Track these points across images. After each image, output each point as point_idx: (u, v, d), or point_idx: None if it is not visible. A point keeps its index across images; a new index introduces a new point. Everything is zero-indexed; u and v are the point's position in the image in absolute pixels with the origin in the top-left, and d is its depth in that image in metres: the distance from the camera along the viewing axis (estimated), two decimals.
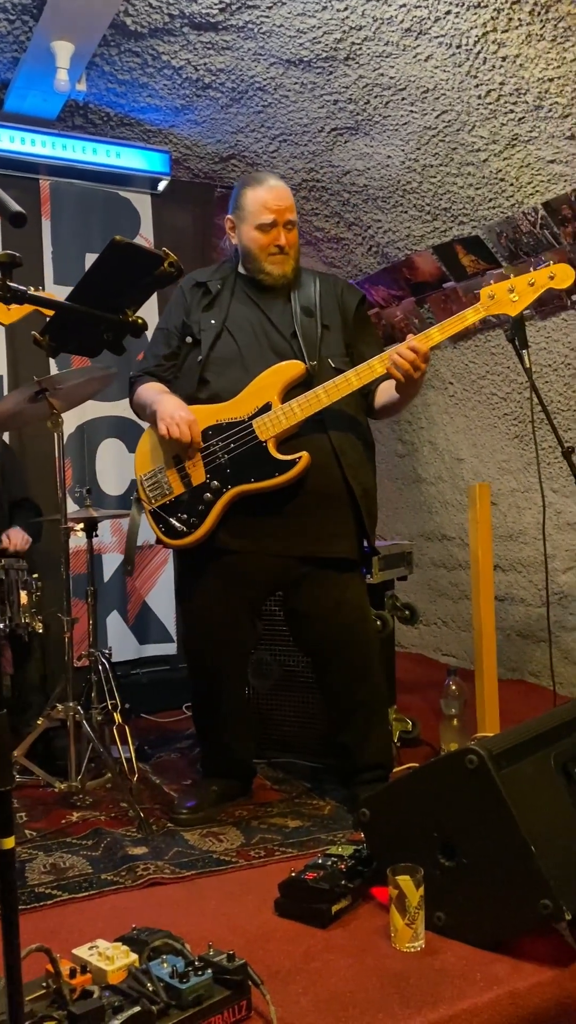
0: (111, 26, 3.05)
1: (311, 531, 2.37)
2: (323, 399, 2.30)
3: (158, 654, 3.97)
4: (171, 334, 2.54)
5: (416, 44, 2.96)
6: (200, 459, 2.37)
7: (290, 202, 2.46)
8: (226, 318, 2.46)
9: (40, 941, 1.45)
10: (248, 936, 1.77)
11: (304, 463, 2.30)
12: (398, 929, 1.70)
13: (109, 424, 3.89)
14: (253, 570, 2.40)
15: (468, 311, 2.30)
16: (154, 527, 2.45)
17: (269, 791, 2.66)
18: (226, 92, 3.47)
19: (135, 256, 1.27)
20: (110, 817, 2.45)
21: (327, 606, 2.41)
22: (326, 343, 2.44)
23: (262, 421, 2.33)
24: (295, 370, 2.35)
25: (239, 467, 2.34)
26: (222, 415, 2.38)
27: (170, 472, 2.42)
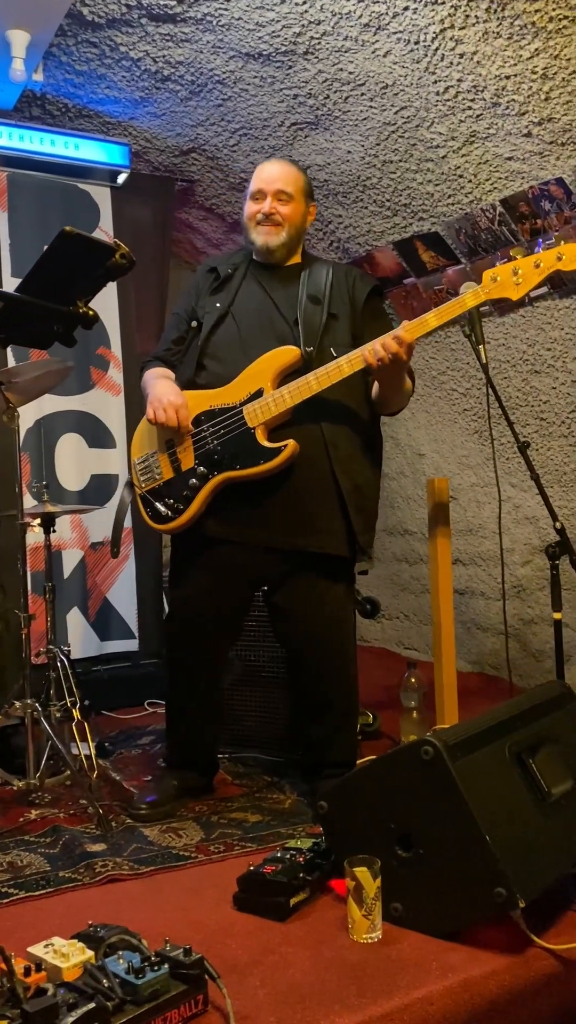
0: (68, 16, 3.02)
1: (296, 524, 2.33)
2: (313, 386, 2.25)
3: (119, 651, 3.94)
4: (181, 319, 2.53)
5: (375, 40, 2.96)
6: (191, 445, 2.36)
7: (287, 175, 2.43)
8: (232, 303, 2.44)
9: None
10: (206, 931, 1.77)
11: (290, 452, 2.25)
12: (355, 920, 1.71)
13: (68, 419, 3.85)
14: (239, 563, 2.38)
15: (468, 295, 2.23)
16: (142, 511, 2.45)
17: (230, 786, 2.66)
18: (185, 85, 3.45)
19: (86, 247, 1.26)
20: (69, 814, 2.43)
21: (309, 603, 2.39)
22: (330, 332, 2.38)
23: (252, 407, 2.30)
24: (290, 356, 2.31)
25: (227, 454, 2.32)
26: (215, 400, 2.35)
27: (162, 457, 2.41)
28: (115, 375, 3.96)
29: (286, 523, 2.34)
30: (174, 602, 2.53)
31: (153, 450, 2.44)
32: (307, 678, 2.46)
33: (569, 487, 3.51)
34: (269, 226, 2.43)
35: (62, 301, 1.25)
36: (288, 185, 2.43)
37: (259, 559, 2.38)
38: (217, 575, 2.39)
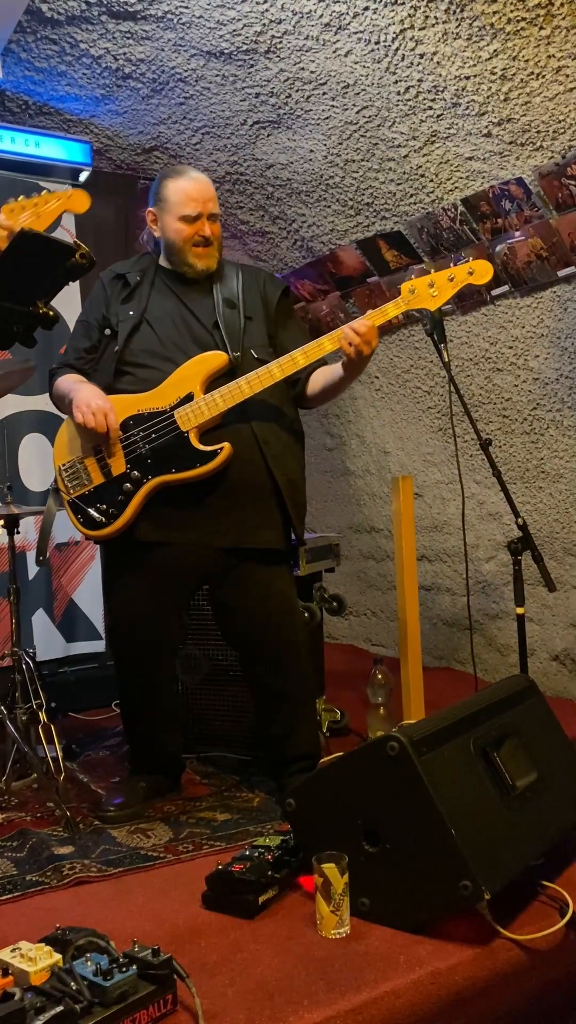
0: (27, 12, 2.99)
1: (235, 522, 2.37)
2: (245, 390, 2.30)
3: (86, 652, 3.91)
4: (91, 327, 2.51)
5: (336, 39, 2.97)
6: (120, 449, 2.35)
7: (212, 193, 2.45)
8: (145, 310, 2.44)
9: None
10: (175, 930, 1.77)
11: (226, 454, 2.29)
12: (324, 916, 1.72)
13: (31, 419, 3.81)
14: (178, 563, 2.39)
15: (389, 305, 2.33)
16: (72, 518, 2.42)
17: (198, 785, 2.66)
18: (147, 83, 3.43)
19: (45, 247, 1.25)
20: (36, 817, 2.42)
21: (253, 598, 2.41)
22: (248, 334, 2.44)
23: (184, 411, 2.31)
24: (218, 361, 2.34)
25: (160, 458, 2.32)
26: (143, 405, 2.36)
27: (89, 462, 2.39)
28: None
29: (222, 522, 2.36)
30: (114, 610, 2.52)
31: (79, 455, 2.41)
32: (258, 672, 2.47)
33: (531, 483, 3.56)
34: (207, 248, 2.44)
35: (21, 301, 1.24)
36: (217, 205, 2.46)
37: (196, 558, 2.39)
38: (155, 578, 2.39)
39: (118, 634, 2.52)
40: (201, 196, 2.41)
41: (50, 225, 1.64)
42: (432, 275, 2.31)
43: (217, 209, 2.45)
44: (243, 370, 2.34)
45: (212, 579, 2.46)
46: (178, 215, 2.41)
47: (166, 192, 2.44)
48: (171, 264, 2.49)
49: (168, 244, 2.47)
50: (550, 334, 3.26)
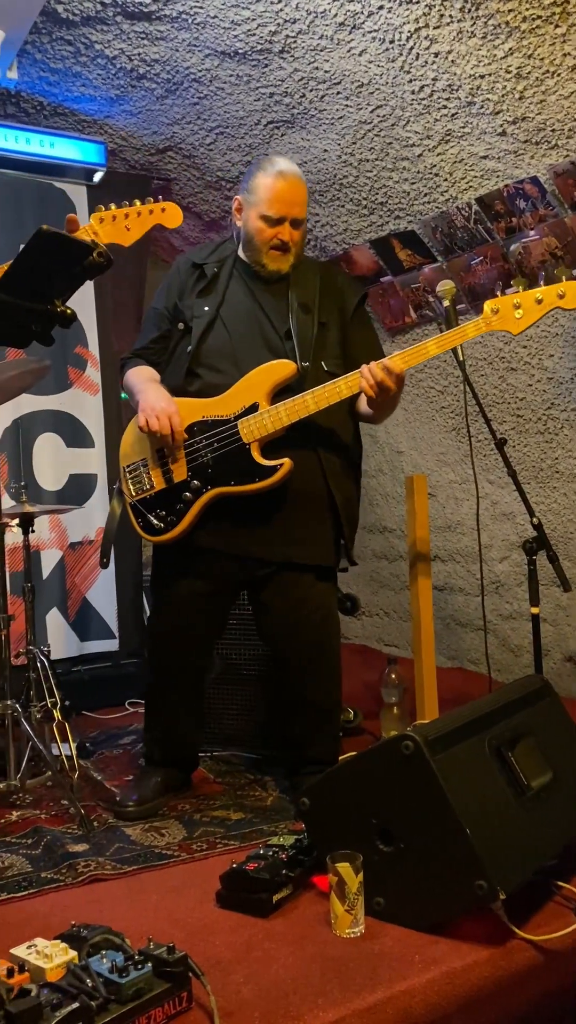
0: (42, 13, 3.00)
1: (289, 537, 2.35)
2: (311, 406, 2.24)
3: (99, 651, 3.93)
4: (162, 316, 2.48)
5: (350, 39, 2.97)
6: (183, 455, 2.33)
7: (303, 196, 2.36)
8: (220, 305, 2.39)
9: None
10: (190, 928, 1.77)
11: (286, 470, 2.26)
12: (338, 916, 1.72)
13: (46, 418, 3.83)
14: (227, 570, 2.39)
15: (468, 326, 2.22)
16: (132, 520, 2.42)
17: (212, 784, 2.66)
18: (161, 83, 3.44)
19: (63, 246, 1.25)
20: (50, 815, 2.43)
21: (294, 603, 2.40)
22: (321, 343, 2.38)
23: (247, 423, 2.28)
24: (286, 371, 2.28)
25: (221, 468, 2.30)
26: (208, 411, 2.32)
27: (152, 466, 2.38)
28: (92, 374, 3.95)
29: (275, 535, 2.35)
30: (159, 604, 2.52)
31: (143, 458, 2.40)
32: (290, 675, 2.47)
33: (546, 483, 3.54)
34: (283, 254, 2.38)
35: (40, 300, 1.24)
36: (303, 210, 2.38)
37: (246, 566, 2.39)
38: (203, 581, 2.40)
39: (158, 630, 2.52)
40: (288, 199, 2.32)
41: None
42: (519, 295, 2.17)
43: (303, 214, 2.37)
44: (311, 382, 2.28)
45: (255, 581, 2.44)
46: (260, 213, 2.34)
47: (255, 184, 2.36)
48: (247, 258, 2.45)
49: (247, 238, 2.41)
50: (565, 333, 3.24)
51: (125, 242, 1.58)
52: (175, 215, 1.68)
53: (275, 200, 2.32)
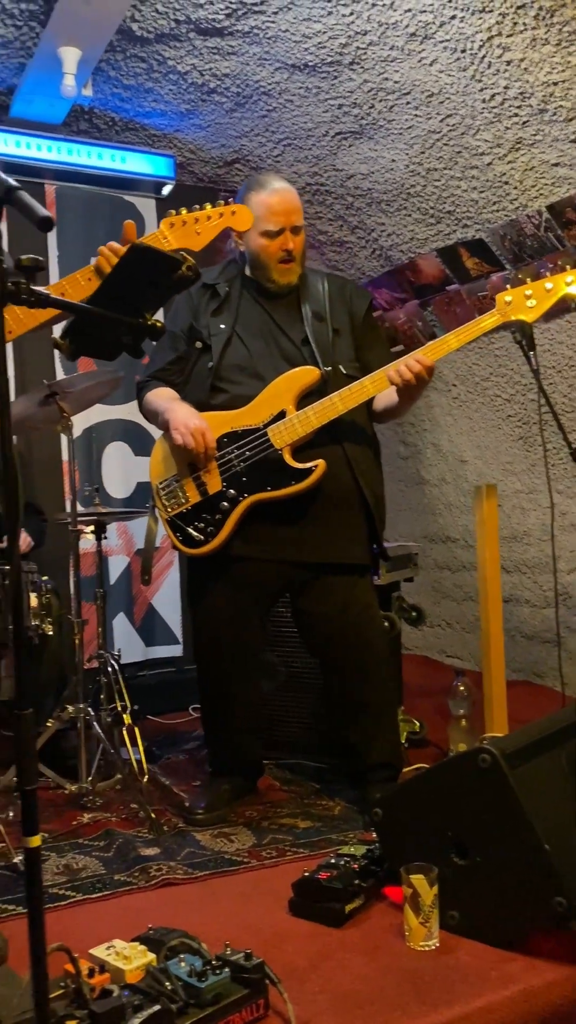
0: (118, 32, 3.07)
1: (325, 538, 2.39)
2: (339, 406, 2.30)
3: (164, 656, 3.98)
4: (178, 337, 2.52)
5: (421, 48, 2.97)
6: (215, 467, 2.37)
7: (297, 205, 2.43)
8: (235, 322, 2.45)
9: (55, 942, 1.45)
10: (263, 936, 1.78)
11: (320, 471, 2.30)
12: (412, 928, 1.71)
13: (115, 427, 3.90)
14: (264, 575, 2.41)
15: (485, 317, 2.30)
16: (172, 536, 2.44)
17: (278, 792, 2.67)
18: (231, 97, 3.48)
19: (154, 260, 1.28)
20: (121, 818, 2.46)
21: (335, 606, 2.42)
22: (337, 348, 2.44)
23: (277, 429, 2.33)
24: (310, 376, 2.35)
25: (255, 475, 2.34)
26: (236, 422, 2.37)
27: (186, 480, 2.41)
28: None
29: (311, 538, 2.38)
30: (199, 618, 2.54)
31: (175, 474, 2.44)
32: (338, 680, 2.48)
33: None
34: (290, 264, 2.43)
35: (131, 313, 1.27)
36: (300, 216, 2.43)
37: (282, 571, 2.42)
38: (241, 590, 2.42)
39: (201, 641, 2.55)
40: (283, 209, 2.39)
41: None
42: (529, 284, 2.27)
43: (300, 220, 2.44)
44: (333, 386, 2.34)
45: (294, 588, 2.48)
46: (260, 230, 2.39)
47: (248, 205, 2.39)
48: (255, 277, 2.51)
49: (252, 258, 2.47)
50: None
51: (196, 246, 1.59)
52: (246, 218, 1.68)
53: (272, 214, 2.38)
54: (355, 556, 2.43)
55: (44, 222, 1.06)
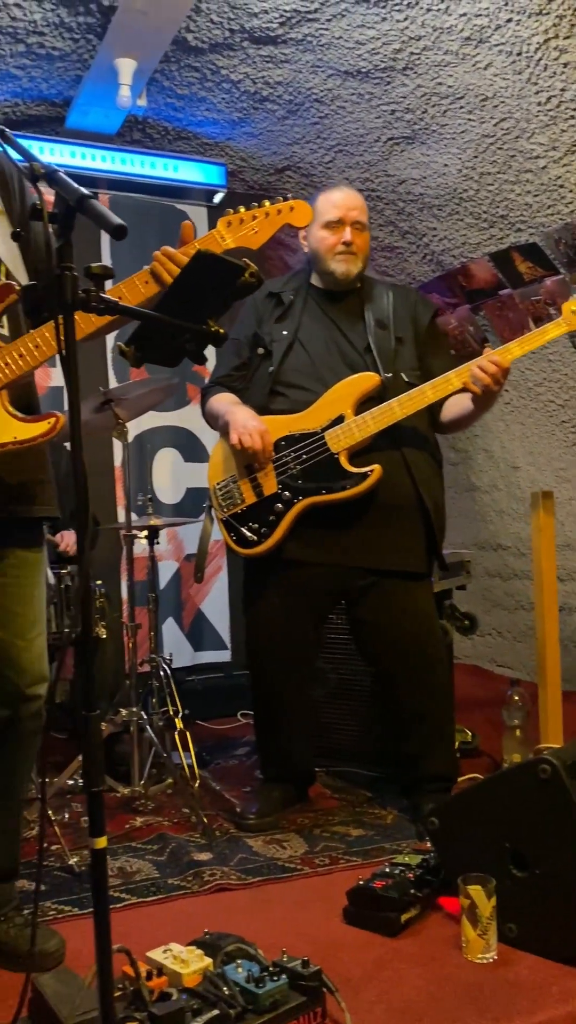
0: (172, 42, 3.10)
1: (381, 544, 2.37)
2: (397, 412, 2.30)
3: (212, 661, 3.99)
4: (242, 345, 2.55)
5: (476, 52, 2.96)
6: (272, 469, 2.39)
7: (360, 203, 2.47)
8: (298, 329, 2.47)
9: (113, 943, 1.46)
10: (318, 943, 1.77)
11: (376, 476, 2.30)
12: (470, 940, 1.68)
13: (166, 434, 3.93)
14: (320, 582, 2.41)
15: (550, 326, 2.29)
16: (226, 536, 2.46)
17: (329, 799, 2.66)
18: (283, 104, 3.50)
19: (218, 267, 1.29)
20: (173, 823, 2.47)
21: (393, 615, 2.40)
22: (399, 356, 2.44)
23: (335, 433, 2.34)
24: (370, 382, 2.36)
25: (310, 478, 2.35)
26: (294, 426, 2.39)
27: (242, 482, 2.43)
28: None
29: (368, 544, 2.37)
30: (254, 622, 2.54)
31: (232, 475, 2.46)
32: (398, 690, 2.45)
33: None
34: (349, 255, 2.45)
35: (195, 320, 1.28)
36: (363, 215, 2.47)
37: (338, 577, 2.41)
38: (297, 595, 2.41)
39: (255, 647, 2.55)
40: (345, 203, 2.44)
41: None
42: None
43: (364, 218, 2.46)
44: (393, 392, 2.34)
45: (350, 596, 2.46)
46: (322, 223, 2.45)
47: (315, 204, 2.47)
48: (319, 278, 2.52)
49: (313, 254, 2.50)
50: None
51: (254, 245, 1.57)
52: (304, 213, 1.64)
53: (332, 206, 2.44)
54: (413, 564, 2.41)
55: (118, 230, 1.08)
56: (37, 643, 1.68)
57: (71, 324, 1.09)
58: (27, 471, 1.65)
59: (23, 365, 1.51)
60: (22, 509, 1.64)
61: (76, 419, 1.07)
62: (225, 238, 1.58)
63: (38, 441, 1.52)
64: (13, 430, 1.51)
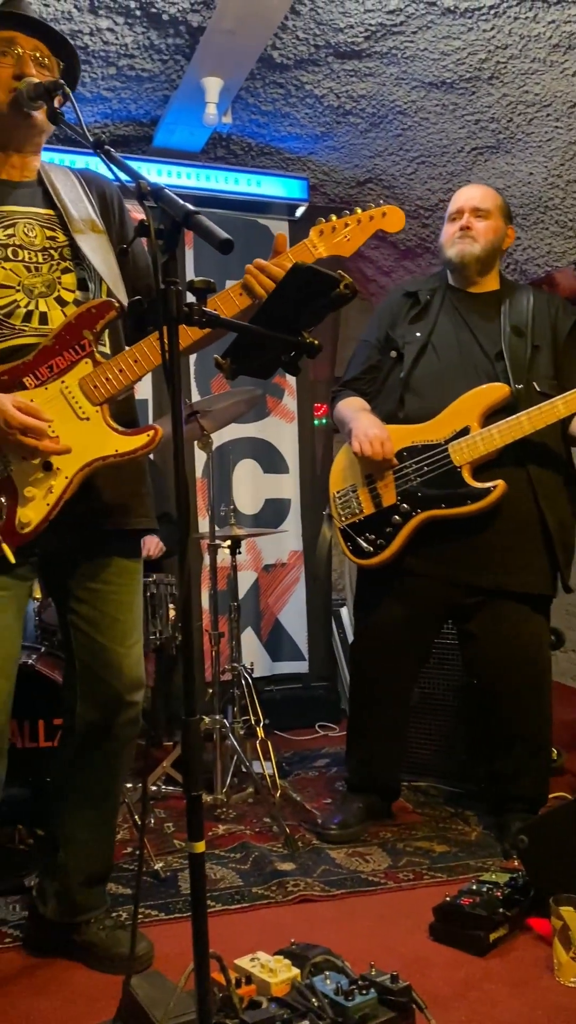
0: (258, 60, 3.15)
1: (500, 562, 2.31)
2: (526, 426, 2.21)
3: (290, 672, 4.00)
4: (372, 347, 2.53)
5: (564, 59, 2.92)
6: (392, 480, 2.36)
7: (481, 192, 2.44)
8: (432, 331, 2.42)
9: None
10: (404, 959, 1.75)
11: (499, 492, 2.22)
12: (562, 963, 1.64)
13: (245, 445, 3.97)
14: (433, 594, 2.37)
15: None
16: (342, 544, 2.45)
17: (411, 814, 2.63)
18: (366, 117, 3.52)
19: (314, 279, 1.30)
20: (255, 831, 2.48)
21: (504, 635, 2.34)
22: (535, 365, 2.35)
23: (459, 445, 2.28)
24: (499, 393, 2.27)
25: (431, 491, 2.30)
26: (418, 436, 2.34)
27: (362, 491, 2.41)
28: (289, 403, 4.06)
29: (487, 560, 2.30)
30: (364, 628, 2.52)
31: (352, 483, 2.43)
32: (497, 709, 2.40)
33: None
34: (465, 238, 2.40)
35: (290, 331, 1.30)
36: (485, 202, 2.42)
37: (452, 591, 2.35)
38: (411, 606, 2.38)
39: (362, 653, 2.53)
40: (464, 194, 2.44)
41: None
42: None
43: (484, 204, 2.41)
44: (524, 404, 2.25)
45: (462, 611, 2.41)
46: (447, 217, 2.47)
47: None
48: (451, 275, 2.49)
49: (443, 250, 2.47)
50: None
51: (346, 252, 1.56)
52: (397, 219, 1.61)
53: (454, 201, 2.46)
54: (531, 584, 2.32)
55: (225, 244, 1.10)
56: (135, 650, 1.72)
57: (175, 337, 1.11)
58: (127, 483, 1.69)
59: (123, 380, 1.55)
60: (122, 521, 1.68)
61: (179, 429, 1.09)
62: (317, 247, 1.59)
63: (137, 454, 1.56)
64: (114, 443, 1.55)
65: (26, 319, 1.59)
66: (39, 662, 2.31)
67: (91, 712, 1.71)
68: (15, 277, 1.59)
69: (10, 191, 1.64)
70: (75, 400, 1.56)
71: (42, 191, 1.67)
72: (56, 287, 1.62)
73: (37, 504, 1.55)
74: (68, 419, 1.56)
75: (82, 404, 1.56)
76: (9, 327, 1.58)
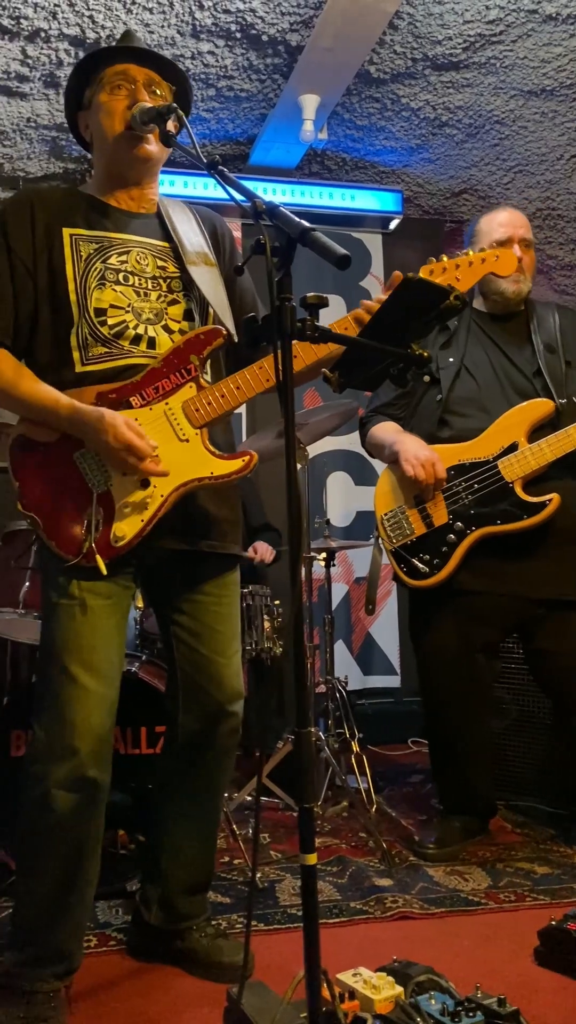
0: (355, 75, 3.17)
1: (558, 574, 2.30)
2: (575, 438, 2.24)
3: (381, 686, 3.98)
4: None
5: None
6: (442, 499, 2.36)
7: (526, 222, 2.44)
8: (464, 355, 2.44)
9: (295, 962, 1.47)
10: (509, 982, 1.71)
11: (555, 505, 2.24)
12: None
13: (337, 457, 3.99)
14: (493, 611, 2.35)
15: None
16: (396, 567, 2.45)
17: (510, 834, 2.57)
18: (462, 128, 3.50)
19: (424, 291, 1.30)
20: (351, 845, 2.47)
21: (571, 645, 2.31)
22: (571, 380, 2.38)
23: (508, 461, 2.29)
24: (544, 409, 2.31)
25: (484, 508, 2.31)
26: (465, 455, 2.36)
27: (411, 512, 2.41)
28: None
29: (543, 574, 2.30)
30: (425, 653, 2.49)
31: (400, 505, 2.43)
32: (575, 724, 2.34)
33: None
34: (520, 274, 2.40)
35: (398, 344, 1.30)
36: (529, 232, 2.43)
37: (512, 607, 2.34)
38: (469, 624, 2.36)
39: (429, 679, 2.50)
40: (512, 222, 2.42)
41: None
42: None
43: (530, 236, 2.43)
44: (568, 418, 2.28)
45: (525, 627, 2.39)
46: (488, 243, 2.41)
47: (478, 227, 2.47)
48: (484, 301, 2.49)
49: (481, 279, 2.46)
50: None
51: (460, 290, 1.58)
52: (509, 262, 1.65)
53: (499, 225, 2.41)
54: None
55: (343, 260, 1.11)
56: (235, 660, 1.74)
57: (289, 352, 1.13)
58: (221, 508, 1.71)
59: (224, 405, 1.58)
60: (218, 545, 1.71)
61: (291, 446, 1.11)
62: None
63: (232, 478, 1.58)
64: (211, 466, 1.58)
65: (135, 342, 1.63)
66: (141, 670, 2.35)
67: (193, 723, 1.73)
68: (125, 299, 1.64)
69: (128, 221, 1.70)
70: (177, 422, 1.60)
71: (159, 223, 1.73)
72: (163, 316, 1.66)
73: (132, 519, 1.58)
74: (169, 439, 1.59)
75: (183, 426, 1.60)
76: (119, 347, 1.63)
